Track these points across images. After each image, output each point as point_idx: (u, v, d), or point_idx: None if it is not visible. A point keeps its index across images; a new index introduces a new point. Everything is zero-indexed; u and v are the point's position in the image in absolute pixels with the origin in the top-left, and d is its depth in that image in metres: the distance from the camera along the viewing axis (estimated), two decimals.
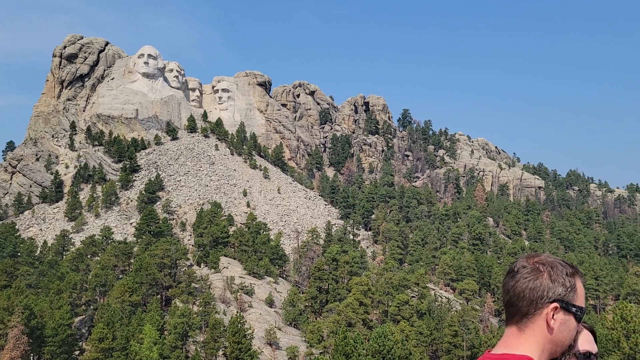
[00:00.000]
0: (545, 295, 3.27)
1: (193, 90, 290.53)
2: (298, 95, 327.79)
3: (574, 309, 3.26)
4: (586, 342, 3.45)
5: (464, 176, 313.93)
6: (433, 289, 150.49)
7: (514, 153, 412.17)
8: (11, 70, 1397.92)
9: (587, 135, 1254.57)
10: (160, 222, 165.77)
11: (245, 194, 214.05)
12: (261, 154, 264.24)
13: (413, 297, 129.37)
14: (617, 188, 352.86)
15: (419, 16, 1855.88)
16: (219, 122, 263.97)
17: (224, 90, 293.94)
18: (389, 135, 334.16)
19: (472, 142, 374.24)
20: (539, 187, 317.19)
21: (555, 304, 3.25)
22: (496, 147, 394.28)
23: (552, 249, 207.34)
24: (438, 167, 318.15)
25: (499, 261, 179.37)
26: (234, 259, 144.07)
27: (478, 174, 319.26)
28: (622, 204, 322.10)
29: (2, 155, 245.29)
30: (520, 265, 3.42)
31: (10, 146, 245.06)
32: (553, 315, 3.25)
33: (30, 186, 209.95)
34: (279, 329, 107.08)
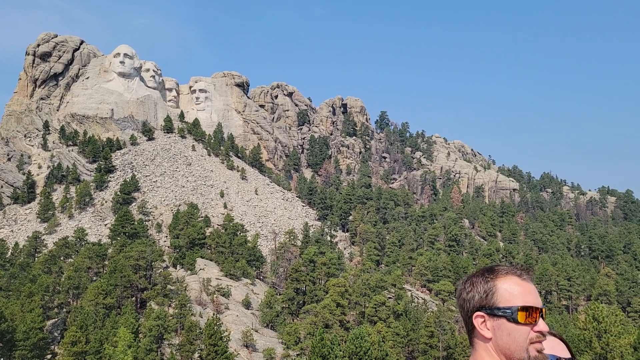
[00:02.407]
0: (467, 308, 3.26)
1: (170, 90, 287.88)
2: (276, 97, 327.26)
3: (499, 312, 3.15)
4: (550, 349, 3.26)
5: (440, 178, 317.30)
6: (409, 290, 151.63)
7: (489, 155, 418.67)
8: None
9: (560, 139, 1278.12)
10: (136, 223, 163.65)
11: (222, 195, 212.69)
12: (238, 155, 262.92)
13: (390, 298, 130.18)
14: (589, 190, 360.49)
15: (397, 19, 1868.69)
16: (196, 123, 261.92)
17: (201, 90, 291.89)
18: (367, 137, 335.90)
19: (449, 144, 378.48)
20: (514, 189, 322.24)
21: (477, 313, 3.21)
22: (472, 150, 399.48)
23: (526, 250, 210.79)
24: (415, 169, 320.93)
25: (474, 262, 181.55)
26: (211, 260, 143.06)
27: (454, 176, 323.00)
28: (593, 206, 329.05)
29: None
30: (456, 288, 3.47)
31: None
32: (484, 324, 3.20)
33: (2, 187, 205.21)
34: (256, 331, 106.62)
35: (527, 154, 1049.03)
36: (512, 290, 3.18)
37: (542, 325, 3.14)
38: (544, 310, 3.19)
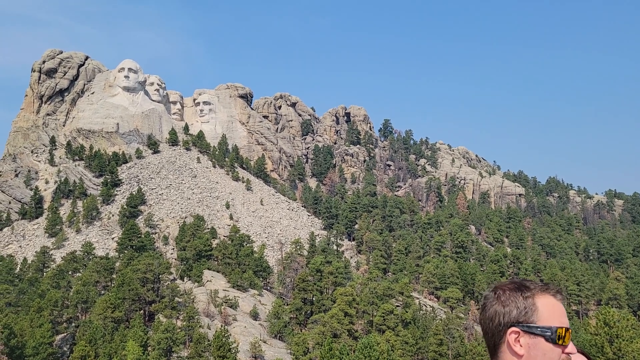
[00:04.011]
0: (501, 321, 3.19)
1: (174, 103, 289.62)
2: (279, 107, 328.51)
3: (538, 330, 3.11)
4: None
5: (445, 185, 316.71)
6: (417, 298, 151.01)
7: (494, 161, 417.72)
8: None
9: (565, 143, 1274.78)
10: (143, 236, 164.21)
11: (227, 206, 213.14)
12: (243, 166, 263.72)
13: (398, 306, 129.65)
14: (596, 194, 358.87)
15: (399, 27, 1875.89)
16: (200, 135, 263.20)
17: (205, 102, 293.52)
18: (371, 146, 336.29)
19: (453, 150, 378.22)
20: (520, 195, 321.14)
21: (513, 329, 3.16)
22: (476, 156, 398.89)
23: (534, 255, 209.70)
24: (420, 176, 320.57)
25: (482, 269, 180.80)
26: (218, 272, 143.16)
27: (459, 182, 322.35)
28: (601, 209, 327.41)
29: None
30: (483, 297, 3.38)
31: None
32: (517, 340, 3.15)
33: (10, 202, 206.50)
34: (264, 342, 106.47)
35: (532, 158, 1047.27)
36: (551, 310, 3.17)
37: (571, 346, 3.15)
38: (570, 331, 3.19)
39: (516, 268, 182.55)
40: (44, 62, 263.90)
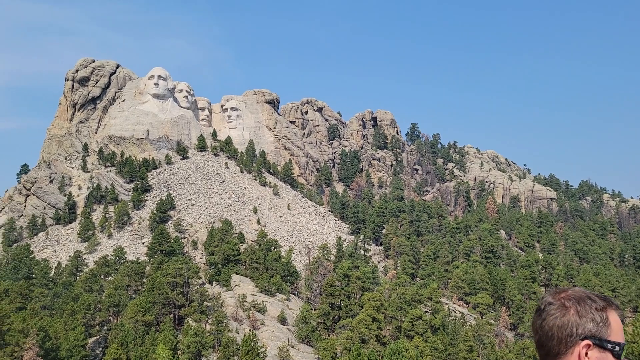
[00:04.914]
0: (575, 332, 3.10)
1: (202, 109, 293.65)
2: (306, 112, 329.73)
3: (609, 345, 3.07)
4: None
5: (474, 189, 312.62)
6: (446, 304, 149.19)
7: (524, 165, 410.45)
8: (24, 93, 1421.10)
9: (598, 146, 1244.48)
10: (172, 241, 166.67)
11: (255, 211, 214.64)
12: (270, 171, 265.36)
13: (426, 312, 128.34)
14: (631, 198, 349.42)
15: (426, 30, 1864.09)
16: (228, 141, 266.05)
17: (232, 109, 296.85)
18: (398, 150, 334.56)
19: (482, 154, 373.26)
20: (551, 199, 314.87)
21: (586, 341, 3.09)
22: (506, 159, 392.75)
23: (567, 260, 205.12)
24: (448, 180, 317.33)
25: (512, 274, 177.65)
26: (246, 276, 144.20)
27: (488, 186, 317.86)
28: (636, 213, 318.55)
29: (17, 178, 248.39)
30: (546, 303, 3.27)
31: (25, 169, 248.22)
32: (586, 353, 3.10)
33: (44, 208, 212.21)
34: (292, 347, 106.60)
35: (564, 162, 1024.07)
36: (619, 325, 3.17)
37: None
38: None
39: (548, 274, 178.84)
40: (77, 71, 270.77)
